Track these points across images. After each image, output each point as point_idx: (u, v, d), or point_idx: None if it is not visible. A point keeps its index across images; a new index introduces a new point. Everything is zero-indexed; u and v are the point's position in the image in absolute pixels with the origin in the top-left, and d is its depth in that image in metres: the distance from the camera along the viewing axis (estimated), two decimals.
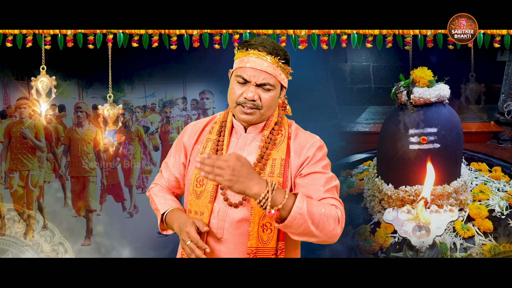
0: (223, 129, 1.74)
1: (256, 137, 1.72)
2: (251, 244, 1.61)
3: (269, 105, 1.68)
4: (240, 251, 1.63)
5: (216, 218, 1.64)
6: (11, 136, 4.11)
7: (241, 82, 1.66)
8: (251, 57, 1.67)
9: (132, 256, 3.93)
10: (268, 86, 1.66)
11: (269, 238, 1.63)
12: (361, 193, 3.72)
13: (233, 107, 1.69)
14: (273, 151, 1.69)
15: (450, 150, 3.28)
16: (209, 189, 1.65)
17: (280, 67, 1.69)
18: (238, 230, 1.63)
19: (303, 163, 1.68)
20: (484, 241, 3.22)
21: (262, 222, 1.62)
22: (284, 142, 1.71)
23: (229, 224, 1.63)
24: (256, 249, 1.61)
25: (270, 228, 1.62)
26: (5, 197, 4.07)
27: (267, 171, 1.66)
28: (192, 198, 1.68)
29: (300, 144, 1.71)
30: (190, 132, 1.80)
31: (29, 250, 3.92)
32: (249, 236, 1.62)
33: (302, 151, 1.70)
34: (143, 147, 4.53)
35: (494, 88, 4.10)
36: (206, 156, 1.43)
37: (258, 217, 1.61)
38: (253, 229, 1.61)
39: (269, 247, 1.63)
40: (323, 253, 3.42)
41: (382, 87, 4.51)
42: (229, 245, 1.63)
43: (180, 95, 4.78)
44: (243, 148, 1.70)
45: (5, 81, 4.44)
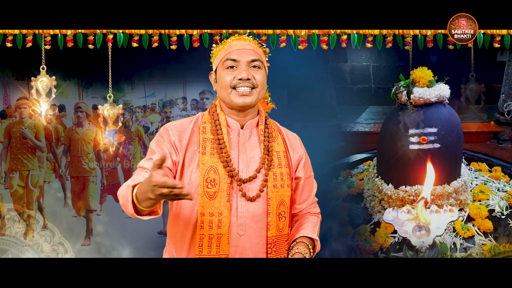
0: (218, 127, 1.70)
1: (253, 133, 1.74)
2: (272, 234, 1.67)
3: (263, 84, 1.71)
4: (262, 243, 1.67)
5: (236, 216, 1.64)
6: (11, 136, 4.11)
7: (230, 66, 1.68)
8: (234, 42, 1.72)
9: (132, 256, 3.93)
10: (257, 62, 1.69)
11: (284, 226, 1.71)
12: (361, 193, 3.72)
13: (228, 95, 1.67)
14: (274, 143, 1.74)
15: (450, 150, 3.28)
16: (224, 188, 1.63)
17: (261, 48, 1.76)
18: (259, 223, 1.66)
19: (299, 162, 1.79)
20: (484, 241, 3.22)
21: (279, 211, 1.69)
22: (279, 136, 1.78)
23: (250, 220, 1.65)
24: (276, 238, 1.69)
25: (284, 216, 1.71)
26: (5, 197, 4.07)
27: (275, 162, 1.71)
28: (204, 200, 1.62)
29: (292, 140, 1.81)
30: (178, 133, 1.68)
31: (29, 250, 3.92)
32: (268, 227, 1.66)
33: (297, 147, 1.80)
34: (143, 147, 4.53)
35: (494, 88, 4.10)
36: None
37: (275, 207, 1.68)
38: (272, 219, 1.67)
39: (284, 234, 1.72)
40: (323, 253, 3.42)
41: (382, 87, 4.51)
42: (252, 240, 1.66)
43: (180, 95, 4.78)
44: (245, 144, 1.71)
45: (5, 81, 4.44)
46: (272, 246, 1.67)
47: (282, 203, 1.70)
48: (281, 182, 1.70)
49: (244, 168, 1.67)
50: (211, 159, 1.65)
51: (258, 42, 1.76)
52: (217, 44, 1.75)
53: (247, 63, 1.68)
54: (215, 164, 1.65)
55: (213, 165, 1.65)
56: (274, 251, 1.68)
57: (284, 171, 1.71)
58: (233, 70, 1.68)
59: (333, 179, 3.93)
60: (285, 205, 1.71)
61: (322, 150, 3.90)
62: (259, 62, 1.70)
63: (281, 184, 1.69)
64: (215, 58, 1.76)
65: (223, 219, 1.62)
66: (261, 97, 1.72)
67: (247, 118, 1.73)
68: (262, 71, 1.71)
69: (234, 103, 1.67)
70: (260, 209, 1.66)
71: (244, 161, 1.68)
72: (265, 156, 1.70)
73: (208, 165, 1.65)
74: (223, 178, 1.64)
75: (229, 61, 1.68)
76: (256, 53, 1.71)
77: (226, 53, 1.70)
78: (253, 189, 1.66)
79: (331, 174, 3.94)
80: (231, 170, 1.65)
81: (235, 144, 1.70)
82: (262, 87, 1.70)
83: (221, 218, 1.62)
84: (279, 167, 1.71)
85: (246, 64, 1.67)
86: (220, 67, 1.71)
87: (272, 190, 1.67)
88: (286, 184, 1.71)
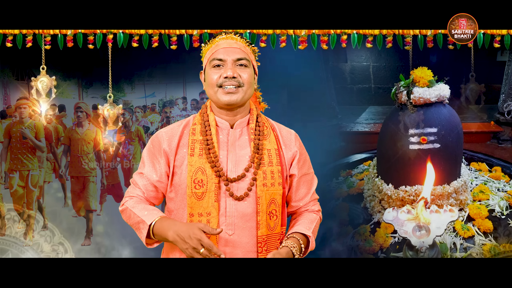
0: (207, 128, 1.71)
1: (243, 132, 1.73)
2: (262, 232, 1.65)
3: (249, 82, 1.70)
4: (252, 242, 1.66)
5: (225, 216, 1.64)
6: (11, 136, 4.11)
7: (217, 65, 1.69)
8: (221, 41, 1.73)
9: (132, 256, 3.92)
10: (244, 61, 1.69)
11: (275, 224, 1.70)
12: (361, 193, 3.72)
13: (214, 93, 1.69)
14: (265, 141, 1.72)
15: (450, 150, 3.28)
16: (211, 188, 1.64)
17: (249, 47, 1.76)
18: (248, 223, 1.65)
19: (293, 159, 1.76)
20: (484, 241, 3.22)
21: (269, 210, 1.67)
22: (271, 134, 1.75)
23: (238, 219, 1.65)
24: (266, 237, 1.67)
25: (275, 214, 1.69)
26: (5, 197, 4.07)
27: (265, 161, 1.69)
28: (192, 200, 1.65)
29: (285, 137, 1.79)
30: (168, 138, 1.71)
31: (29, 250, 3.92)
32: (258, 226, 1.65)
33: (290, 144, 1.77)
34: (143, 147, 4.51)
35: (494, 88, 4.10)
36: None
37: (265, 206, 1.66)
38: (262, 218, 1.65)
39: (276, 233, 1.70)
40: (323, 253, 3.42)
41: (382, 87, 4.51)
42: (242, 239, 1.65)
43: (180, 95, 4.78)
44: (234, 143, 1.70)
45: (5, 81, 4.44)
46: (263, 245, 1.66)
47: (273, 202, 1.69)
48: (272, 181, 1.68)
49: (233, 168, 1.67)
50: (199, 160, 1.67)
51: (246, 41, 1.76)
52: (205, 43, 1.77)
53: (233, 62, 1.68)
54: (203, 165, 1.66)
55: (201, 166, 1.66)
56: (265, 250, 1.67)
57: (275, 169, 1.69)
58: (219, 69, 1.68)
59: (333, 179, 3.93)
60: (276, 204, 1.70)
61: (322, 150, 3.89)
62: (246, 61, 1.70)
63: (272, 183, 1.68)
64: (204, 57, 1.78)
65: (212, 219, 1.63)
66: (248, 96, 1.71)
67: (237, 117, 1.73)
68: (249, 70, 1.70)
69: (221, 101, 1.68)
70: (250, 208, 1.65)
71: (232, 160, 1.68)
72: (255, 155, 1.68)
73: (196, 166, 1.66)
74: (211, 179, 1.65)
75: (215, 61, 1.69)
76: (242, 51, 1.71)
77: (213, 52, 1.71)
78: (242, 188, 1.66)
79: (331, 174, 3.94)
80: (218, 170, 1.65)
81: (224, 144, 1.70)
82: (248, 86, 1.69)
83: (209, 218, 1.63)
84: (269, 165, 1.69)
85: (232, 63, 1.68)
86: (207, 66, 1.72)
87: (261, 189, 1.66)
88: (277, 182, 1.69)
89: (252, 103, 1.81)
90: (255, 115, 1.76)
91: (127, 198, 1.74)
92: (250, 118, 1.74)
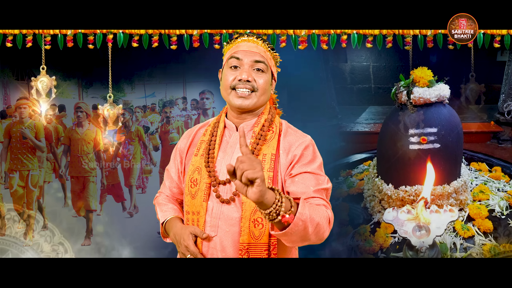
0: (215, 129, 1.73)
1: (248, 134, 1.70)
2: (243, 240, 1.58)
3: (264, 89, 1.67)
4: (234, 248, 1.61)
5: (210, 216, 1.64)
6: (11, 136, 4.11)
7: (234, 66, 1.66)
8: (242, 43, 1.71)
9: (132, 256, 3.93)
10: (261, 65, 1.66)
11: (261, 234, 1.58)
12: (361, 193, 3.72)
13: (228, 95, 1.67)
14: (264, 146, 1.66)
15: (450, 150, 3.28)
16: (202, 187, 1.65)
17: (270, 52, 1.73)
18: (232, 227, 1.61)
19: (291, 162, 1.64)
20: (484, 241, 3.22)
21: (254, 217, 1.59)
22: (275, 139, 1.68)
23: (222, 222, 1.62)
24: (248, 245, 1.58)
25: (261, 223, 1.58)
26: (5, 197, 4.07)
27: None
28: (188, 199, 1.68)
29: (289, 143, 1.68)
30: (184, 137, 1.82)
31: (29, 250, 3.92)
32: (241, 232, 1.59)
33: (291, 150, 1.66)
34: (143, 147, 4.53)
35: (494, 88, 4.10)
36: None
37: (249, 212, 1.59)
38: (245, 224, 1.58)
39: (261, 243, 1.58)
40: (323, 253, 3.42)
41: (382, 87, 4.51)
42: (223, 242, 1.62)
43: (180, 95, 4.78)
44: (234, 145, 1.69)
45: (5, 81, 4.44)
46: (243, 253, 1.57)
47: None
48: None
49: (225, 170, 1.64)
50: (199, 160, 1.69)
51: (269, 45, 1.72)
52: (227, 42, 1.76)
53: (250, 65, 1.65)
54: (201, 165, 1.68)
55: (199, 166, 1.69)
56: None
57: (265, 175, 1.59)
58: (235, 71, 1.66)
59: (333, 179, 3.92)
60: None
61: (322, 150, 3.85)
62: (264, 66, 1.67)
63: None
64: (224, 56, 1.76)
65: (200, 218, 1.64)
66: (261, 102, 1.68)
67: (246, 120, 1.71)
68: (266, 76, 1.67)
69: (232, 104, 1.66)
70: (236, 213, 1.61)
71: (227, 162, 1.66)
72: None
73: (196, 165, 1.70)
74: (203, 178, 1.66)
75: (233, 59, 1.67)
76: (262, 56, 1.67)
77: (232, 52, 1.69)
78: (230, 192, 1.64)
79: (331, 174, 3.91)
80: (210, 170, 1.65)
81: (225, 146, 1.70)
82: (263, 92, 1.66)
83: (198, 217, 1.64)
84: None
85: (249, 65, 1.65)
86: (225, 66, 1.70)
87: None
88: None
89: (268, 107, 1.75)
90: (264, 119, 1.71)
91: (158, 193, 1.90)
92: (257, 121, 1.70)
